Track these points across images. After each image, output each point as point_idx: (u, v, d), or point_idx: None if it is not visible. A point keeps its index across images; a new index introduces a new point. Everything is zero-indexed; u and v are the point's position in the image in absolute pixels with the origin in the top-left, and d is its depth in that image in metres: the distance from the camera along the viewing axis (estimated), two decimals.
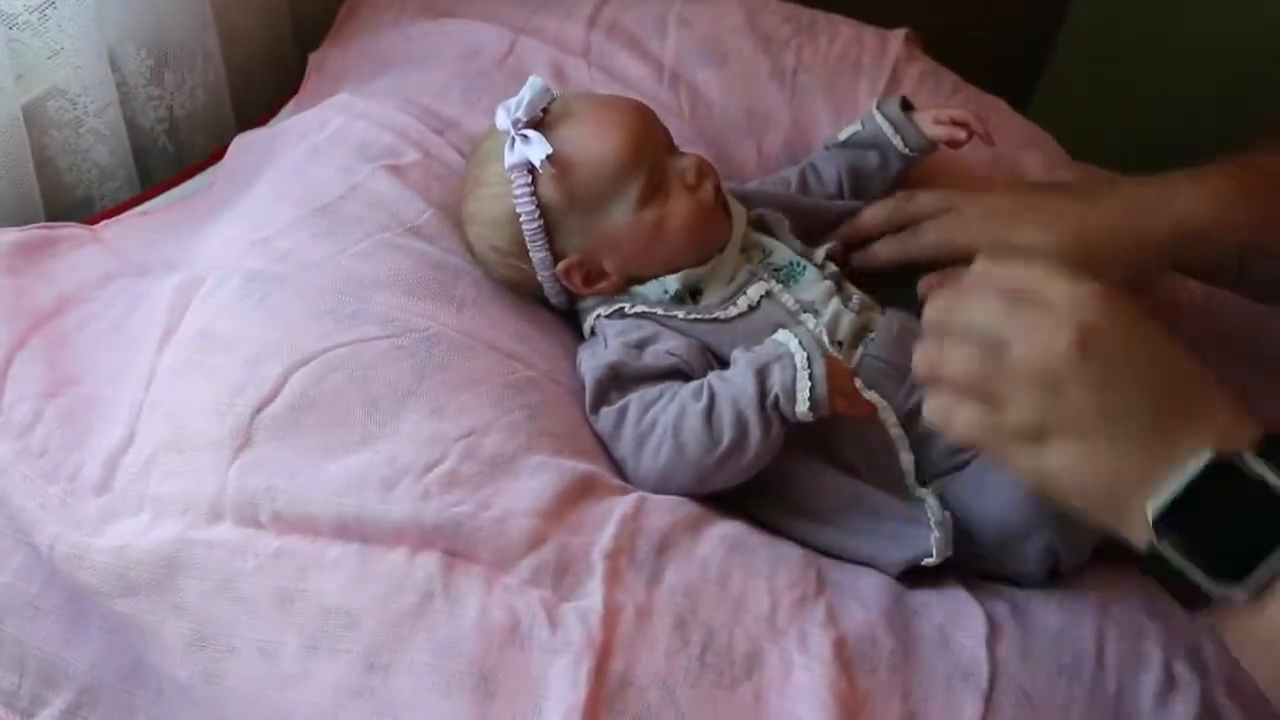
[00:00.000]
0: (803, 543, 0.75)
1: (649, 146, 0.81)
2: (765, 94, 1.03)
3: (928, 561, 0.73)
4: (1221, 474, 0.56)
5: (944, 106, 0.90)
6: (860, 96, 1.03)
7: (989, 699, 0.67)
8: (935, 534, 0.73)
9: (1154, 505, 0.56)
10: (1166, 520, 0.56)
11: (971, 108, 1.03)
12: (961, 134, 0.89)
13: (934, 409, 0.63)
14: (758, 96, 1.03)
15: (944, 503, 0.76)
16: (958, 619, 0.71)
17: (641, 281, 0.83)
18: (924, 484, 0.78)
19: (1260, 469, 0.56)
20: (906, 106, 0.92)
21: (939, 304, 0.64)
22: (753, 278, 0.83)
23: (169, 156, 1.05)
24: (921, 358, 0.63)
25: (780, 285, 0.83)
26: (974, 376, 0.60)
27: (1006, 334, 0.60)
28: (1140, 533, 0.57)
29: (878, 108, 0.92)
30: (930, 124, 0.90)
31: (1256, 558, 0.55)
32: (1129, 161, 1.12)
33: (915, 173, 0.93)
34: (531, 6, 1.04)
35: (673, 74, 1.03)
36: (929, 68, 1.08)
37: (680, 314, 0.81)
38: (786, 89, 1.04)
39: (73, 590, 0.69)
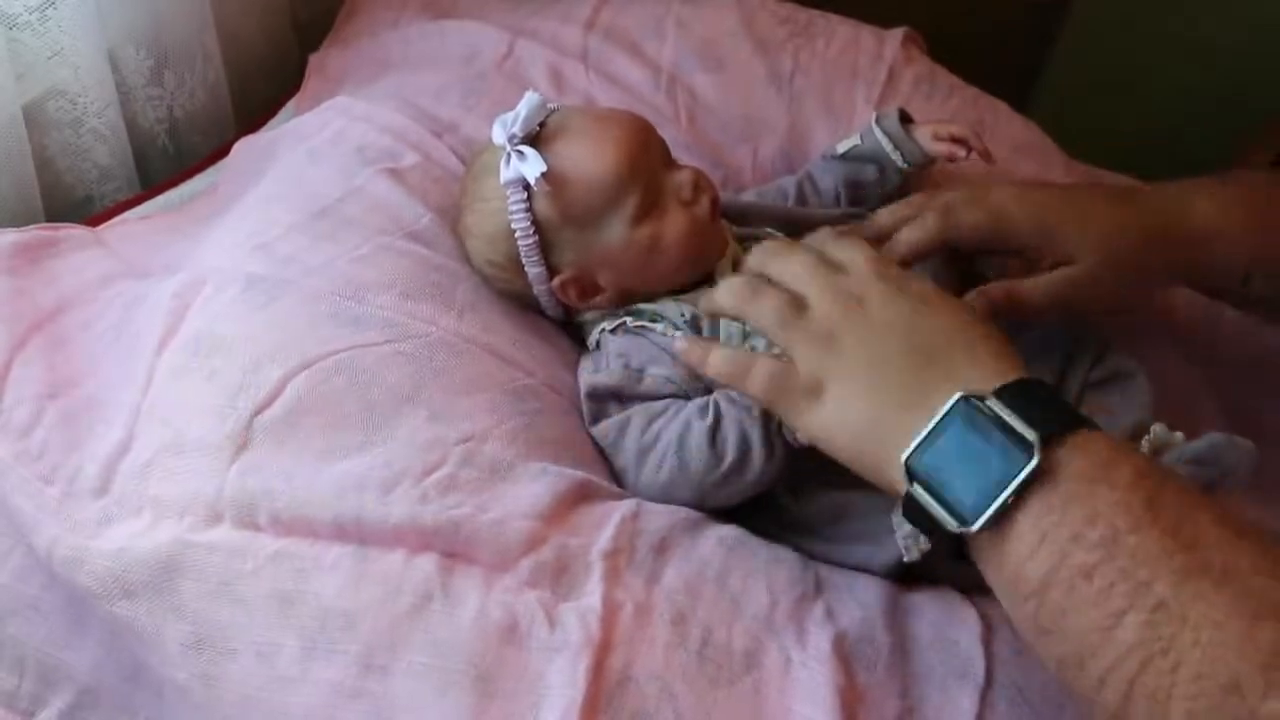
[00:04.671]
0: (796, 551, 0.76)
1: (645, 163, 0.81)
2: (762, 99, 1.03)
3: (908, 558, 0.74)
4: (967, 416, 0.58)
5: (944, 120, 0.90)
6: (857, 100, 1.03)
7: (984, 696, 0.67)
8: (898, 534, 0.74)
9: (906, 452, 0.59)
10: (918, 463, 0.59)
11: (970, 114, 1.04)
12: (961, 151, 0.89)
13: (727, 361, 0.69)
14: (754, 101, 1.03)
15: None
16: (953, 618, 0.71)
17: (637, 297, 0.83)
18: None
19: (1000, 410, 0.57)
20: (905, 118, 0.92)
21: (760, 252, 0.71)
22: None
23: (169, 157, 1.05)
24: (731, 292, 0.70)
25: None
26: (777, 321, 0.67)
27: (806, 291, 0.67)
28: (900, 480, 0.60)
29: (877, 122, 0.92)
30: (930, 139, 0.90)
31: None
32: (1129, 161, 1.13)
33: (914, 181, 0.93)
34: (530, 8, 1.05)
35: (670, 78, 1.03)
36: (926, 70, 1.08)
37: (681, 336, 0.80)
38: (784, 94, 1.04)
39: (72, 592, 0.69)
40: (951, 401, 0.59)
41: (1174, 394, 0.84)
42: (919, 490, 0.59)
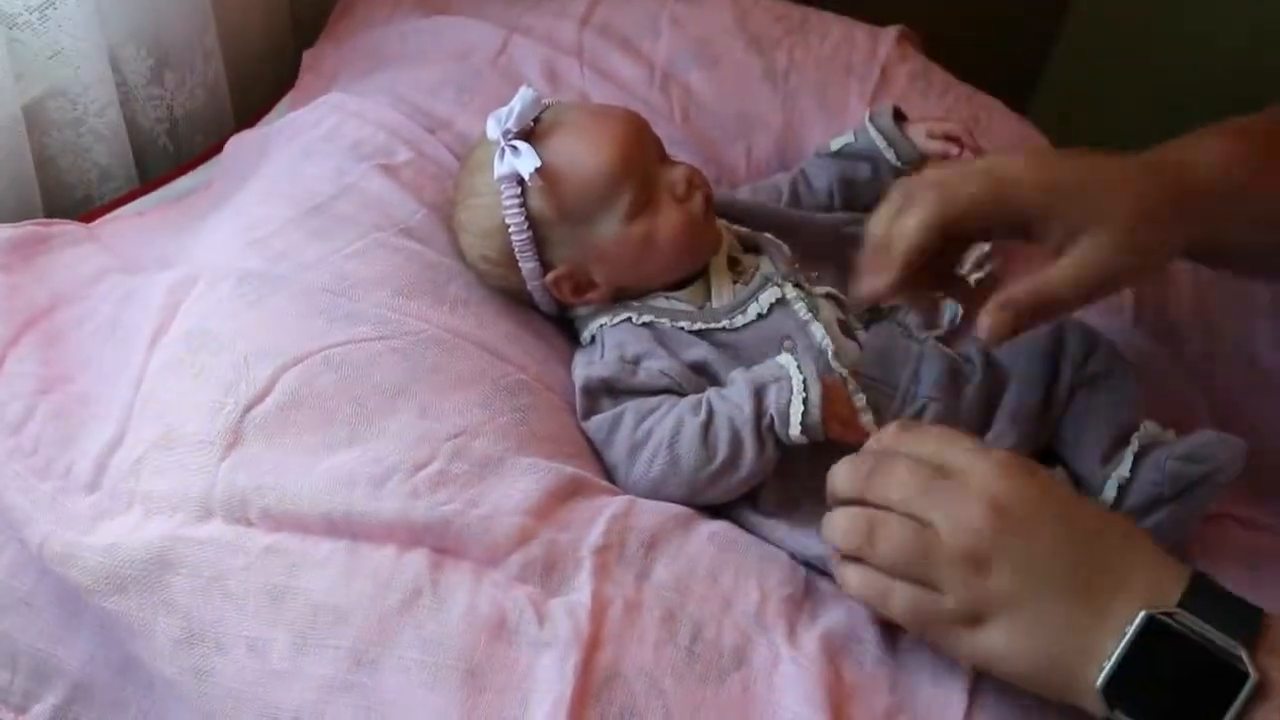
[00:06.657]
0: (786, 546, 0.75)
1: (639, 159, 0.81)
2: (756, 96, 1.03)
3: None
4: (1158, 632, 0.57)
5: (937, 118, 0.90)
6: (851, 98, 1.04)
7: (973, 693, 0.67)
8: None
9: (1101, 677, 0.58)
10: (1115, 688, 0.58)
11: (964, 112, 1.04)
12: (954, 149, 0.89)
13: (865, 585, 0.65)
14: (749, 98, 1.03)
15: None
16: None
17: (631, 293, 0.83)
18: None
19: (1194, 624, 0.57)
20: (899, 116, 0.92)
21: (849, 472, 0.67)
22: (766, 283, 0.83)
23: (169, 156, 1.05)
24: (847, 529, 0.66)
25: (795, 290, 0.83)
26: (906, 558, 0.63)
27: (926, 512, 0.63)
28: (1095, 705, 0.59)
29: (871, 120, 0.92)
30: (923, 137, 0.90)
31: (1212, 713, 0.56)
32: None
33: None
34: (525, 5, 1.05)
35: (664, 75, 1.04)
36: (919, 67, 1.08)
37: (686, 324, 0.81)
38: (778, 91, 1.04)
39: (64, 587, 0.70)
40: (1139, 621, 0.58)
41: (1163, 390, 0.84)
42: (1123, 717, 0.58)
